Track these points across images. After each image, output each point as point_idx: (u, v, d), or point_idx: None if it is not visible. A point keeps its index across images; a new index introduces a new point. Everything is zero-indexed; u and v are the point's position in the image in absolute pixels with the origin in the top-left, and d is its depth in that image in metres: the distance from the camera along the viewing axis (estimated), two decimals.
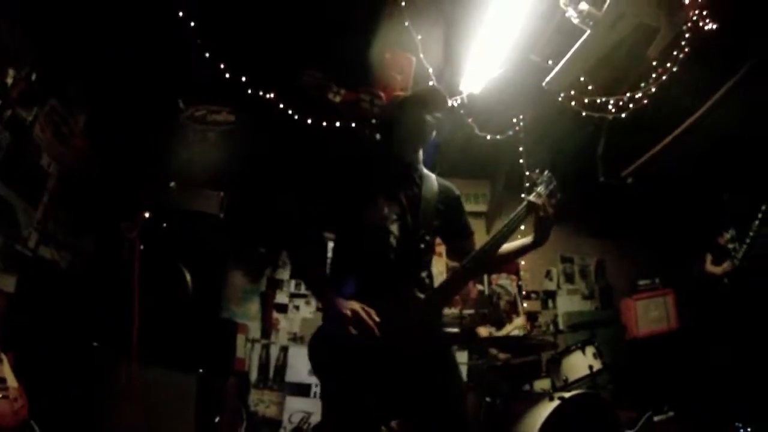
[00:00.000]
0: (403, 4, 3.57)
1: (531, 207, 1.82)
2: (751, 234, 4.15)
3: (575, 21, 3.23)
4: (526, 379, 4.24)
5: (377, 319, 1.57)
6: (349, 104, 4.45)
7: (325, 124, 4.41)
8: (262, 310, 5.23)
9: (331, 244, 1.88)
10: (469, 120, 4.69)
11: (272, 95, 4.06)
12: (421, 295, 1.70)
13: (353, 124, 4.44)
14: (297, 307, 5.40)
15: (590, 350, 4.00)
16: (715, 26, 3.30)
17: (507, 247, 1.86)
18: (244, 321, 5.00)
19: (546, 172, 1.94)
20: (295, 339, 5.26)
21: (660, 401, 4.95)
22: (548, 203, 1.83)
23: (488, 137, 4.88)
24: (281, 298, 5.37)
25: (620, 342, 5.68)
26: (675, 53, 3.54)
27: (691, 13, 3.24)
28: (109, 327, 2.93)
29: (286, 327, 5.28)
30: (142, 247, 3.12)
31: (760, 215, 4.11)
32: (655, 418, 4.78)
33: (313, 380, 5.10)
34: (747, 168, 4.68)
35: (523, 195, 1.92)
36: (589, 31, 3.32)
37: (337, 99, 4.43)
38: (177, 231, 3.32)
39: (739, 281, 4.21)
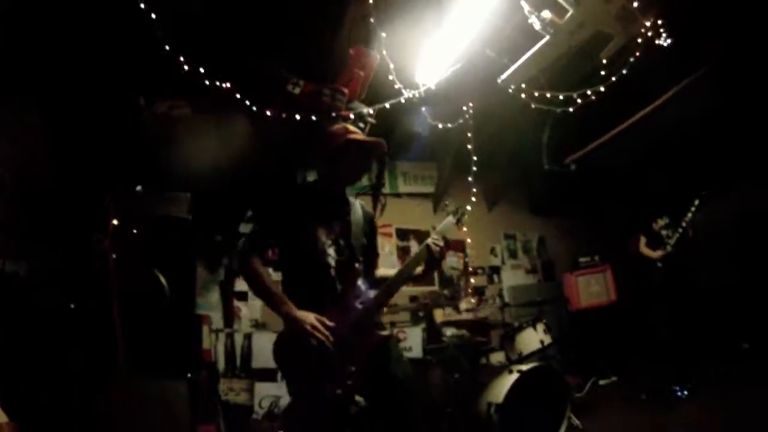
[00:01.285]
0: (371, 1, 3.59)
1: (428, 247, 2.18)
2: (684, 224, 4.60)
3: (537, 27, 3.42)
4: (482, 354, 4.62)
5: (331, 324, 1.95)
6: (309, 97, 4.45)
7: (284, 116, 4.38)
8: (222, 300, 5.19)
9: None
10: (423, 109, 4.82)
11: (228, 85, 3.97)
12: (359, 306, 2.09)
13: (313, 117, 4.44)
14: None
15: (540, 326, 4.36)
16: (669, 41, 3.60)
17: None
18: (206, 312, 4.95)
19: (457, 207, 2.40)
20: (258, 326, 5.28)
21: (603, 367, 5.52)
22: (440, 249, 2.18)
23: (440, 126, 5.03)
24: (240, 285, 5.31)
25: (564, 314, 6.17)
26: (627, 57, 3.83)
27: (647, 25, 3.50)
28: (91, 342, 2.87)
29: (247, 314, 5.28)
30: (114, 256, 3.05)
31: (692, 208, 4.54)
32: (600, 383, 5.34)
33: None
34: (683, 165, 5.23)
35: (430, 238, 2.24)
36: (548, 37, 3.52)
37: (296, 91, 4.41)
38: (147, 236, 3.25)
39: (671, 264, 4.69)
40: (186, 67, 3.48)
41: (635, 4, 3.32)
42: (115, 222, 3.11)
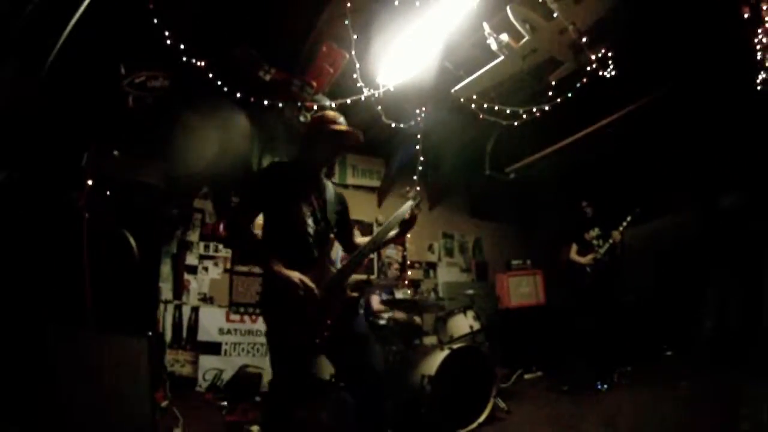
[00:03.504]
0: (349, 5, 3.89)
1: (404, 215, 2.57)
2: (613, 237, 5.03)
3: (494, 48, 3.86)
4: (416, 336, 4.99)
5: (312, 285, 2.26)
6: (278, 84, 4.70)
7: (252, 100, 4.60)
8: (173, 272, 5.32)
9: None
10: (378, 107, 5.15)
11: (203, 64, 4.15)
12: (333, 269, 2.44)
13: (280, 104, 4.69)
14: (206, 269, 5.56)
15: (470, 313, 4.75)
16: (613, 73, 4.12)
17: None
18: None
19: (414, 192, 2.66)
20: (205, 299, 5.44)
21: (529, 362, 5.93)
22: (415, 212, 2.59)
23: (393, 125, 5.35)
24: (191, 259, 5.49)
25: (494, 311, 6.50)
26: (574, 82, 4.30)
27: (594, 57, 3.98)
28: (57, 297, 2.96)
29: (196, 288, 5.42)
30: (87, 215, 3.17)
31: (624, 223, 5.02)
32: (526, 377, 5.75)
33: (223, 339, 5.40)
34: (615, 184, 5.84)
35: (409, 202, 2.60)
36: (502, 57, 3.98)
37: (267, 78, 4.66)
38: (120, 199, 3.39)
39: (599, 271, 5.11)
40: (169, 42, 3.66)
41: (584, 40, 3.80)
42: (90, 182, 3.24)
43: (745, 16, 3.85)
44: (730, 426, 3.02)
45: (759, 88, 4.22)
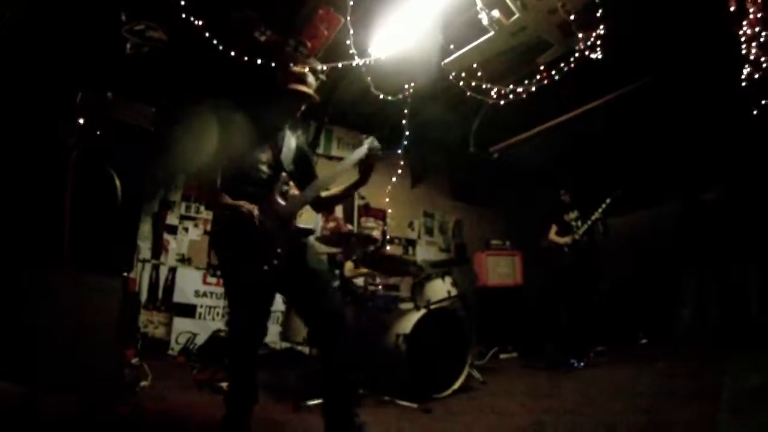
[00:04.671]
0: None
1: (361, 155, 2.62)
2: (592, 218, 5.18)
3: (485, 23, 3.95)
4: (393, 303, 5.04)
5: (256, 212, 2.39)
6: (273, 46, 4.72)
7: (246, 59, 4.60)
8: (153, 231, 5.29)
9: None
10: (368, 78, 5.20)
11: (200, 23, 4.14)
12: (283, 203, 2.55)
13: (272, 64, 4.71)
14: (186, 229, 5.55)
15: (448, 279, 4.76)
16: (600, 56, 4.20)
17: (336, 190, 2.81)
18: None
19: (371, 137, 2.67)
20: (183, 260, 5.44)
21: (504, 342, 6.01)
22: (371, 158, 2.62)
23: (381, 96, 5.38)
24: (172, 219, 5.48)
25: (472, 286, 6.53)
26: (561, 65, 4.40)
27: (583, 41, 4.09)
28: (36, 232, 2.96)
29: (174, 248, 5.41)
30: (75, 152, 3.16)
31: (604, 205, 5.14)
32: (501, 356, 5.84)
33: (198, 301, 5.40)
34: (594, 170, 6.00)
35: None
36: (492, 33, 4.08)
37: (262, 39, 4.68)
38: (109, 140, 3.38)
39: (576, 251, 5.27)
40: None
41: (572, 18, 3.90)
42: (81, 120, 3.23)
43: (731, 9, 3.99)
44: (711, 394, 3.04)
45: (744, 84, 4.37)
